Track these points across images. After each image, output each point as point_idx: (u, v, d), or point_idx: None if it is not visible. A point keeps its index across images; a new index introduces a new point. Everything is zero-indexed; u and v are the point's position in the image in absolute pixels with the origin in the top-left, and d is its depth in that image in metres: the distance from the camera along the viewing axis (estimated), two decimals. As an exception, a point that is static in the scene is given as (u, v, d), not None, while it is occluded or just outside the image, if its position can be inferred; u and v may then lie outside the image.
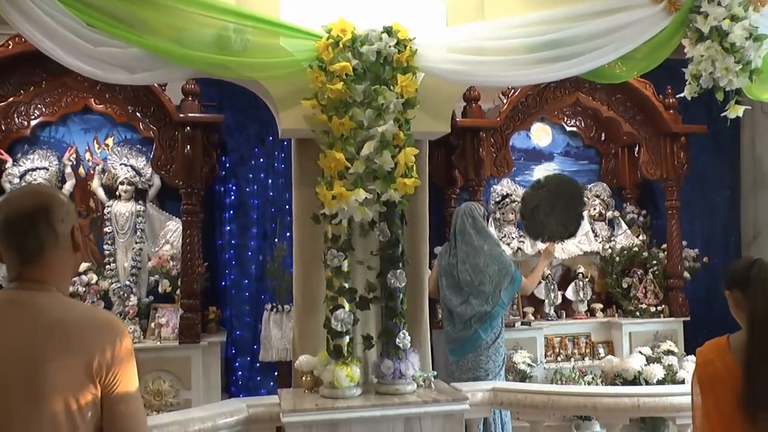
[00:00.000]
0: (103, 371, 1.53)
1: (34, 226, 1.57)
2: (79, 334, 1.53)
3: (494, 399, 3.41)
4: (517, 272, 4.37)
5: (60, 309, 1.57)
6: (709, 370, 2.16)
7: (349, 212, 2.95)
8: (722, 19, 3.11)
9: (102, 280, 5.18)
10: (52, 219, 1.60)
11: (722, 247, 6.80)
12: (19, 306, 1.54)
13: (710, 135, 6.33)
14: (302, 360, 3.14)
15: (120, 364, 1.57)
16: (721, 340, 2.21)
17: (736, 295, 2.21)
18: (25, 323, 1.51)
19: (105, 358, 1.53)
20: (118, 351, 1.57)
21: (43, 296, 1.57)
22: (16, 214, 1.58)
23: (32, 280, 1.58)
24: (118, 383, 1.56)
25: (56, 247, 1.60)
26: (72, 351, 1.50)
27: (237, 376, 5.58)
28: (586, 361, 5.68)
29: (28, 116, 5.24)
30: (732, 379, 2.08)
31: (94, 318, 1.61)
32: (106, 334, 1.57)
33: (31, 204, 1.59)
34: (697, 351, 2.29)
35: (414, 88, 3.06)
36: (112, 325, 1.61)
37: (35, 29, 2.71)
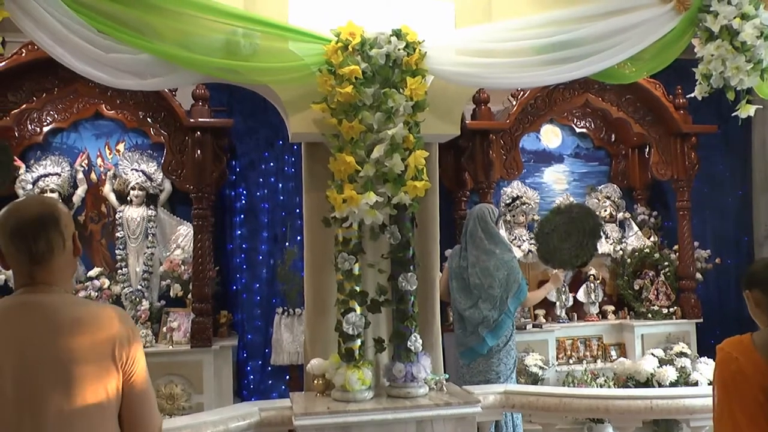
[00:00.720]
0: (124, 358, 1.68)
1: (45, 231, 1.68)
2: (98, 328, 1.67)
3: (506, 402, 3.41)
4: (524, 282, 4.36)
5: (75, 306, 1.71)
6: (733, 368, 2.14)
7: (359, 215, 2.95)
8: (732, 18, 3.09)
9: (114, 285, 5.21)
10: (59, 225, 1.72)
11: (734, 248, 6.76)
12: (36, 307, 1.65)
13: (721, 135, 6.31)
14: (314, 363, 3.14)
15: (136, 350, 1.72)
16: (744, 338, 2.20)
17: (756, 295, 2.21)
18: (47, 322, 1.63)
19: (123, 347, 1.68)
20: (132, 338, 1.72)
21: (55, 297, 1.68)
22: (28, 220, 1.68)
23: (42, 282, 1.69)
24: (135, 370, 1.71)
25: (62, 251, 1.73)
26: (96, 342, 1.64)
27: (248, 379, 5.60)
28: (598, 363, 5.65)
29: (41, 123, 5.29)
30: (760, 377, 2.07)
31: (107, 311, 1.75)
32: (121, 325, 1.71)
33: (40, 210, 1.71)
34: (717, 348, 2.26)
35: (423, 90, 3.06)
36: (123, 316, 1.76)
37: (47, 36, 2.73)
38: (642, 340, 5.70)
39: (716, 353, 2.26)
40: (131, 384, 1.70)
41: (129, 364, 1.70)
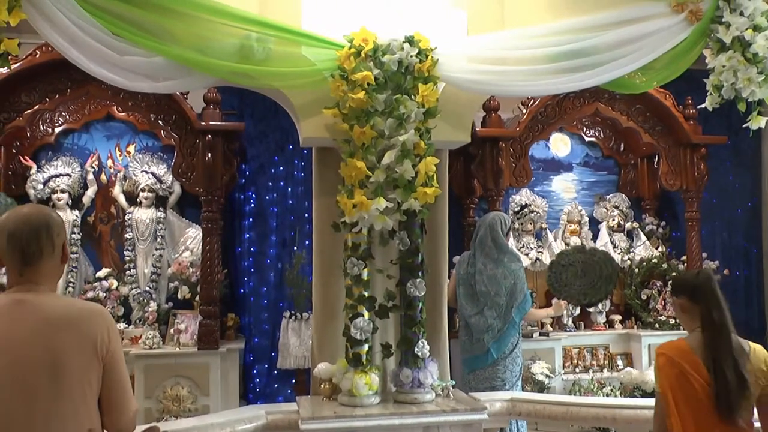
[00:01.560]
0: (104, 349, 1.85)
1: (37, 236, 1.88)
2: (83, 323, 1.84)
3: (512, 409, 3.40)
4: (529, 294, 4.37)
5: (61, 304, 1.90)
6: (676, 370, 2.35)
7: (369, 221, 2.96)
8: (744, 29, 3.10)
9: (122, 286, 5.23)
10: (51, 232, 1.91)
11: (743, 259, 6.74)
12: (26, 304, 1.83)
13: (731, 146, 6.29)
14: (321, 368, 3.15)
15: (114, 344, 1.89)
16: (680, 342, 2.43)
17: (684, 301, 2.47)
18: (37, 317, 1.81)
19: (104, 340, 1.85)
20: (111, 332, 1.89)
21: (42, 295, 1.87)
22: (23, 225, 1.89)
23: (31, 281, 1.87)
24: (114, 359, 1.88)
25: (51, 256, 1.91)
26: (81, 337, 1.82)
27: (255, 383, 5.61)
28: (604, 372, 5.64)
29: (53, 123, 5.33)
30: (701, 377, 2.31)
31: (90, 308, 1.94)
32: (102, 321, 1.89)
33: (35, 218, 1.91)
34: (658, 353, 2.46)
35: (435, 97, 3.07)
36: (104, 313, 1.95)
37: (62, 38, 2.75)
38: (649, 350, 5.68)
39: (657, 357, 2.45)
40: (110, 373, 1.87)
41: (108, 356, 1.86)
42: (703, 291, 2.41)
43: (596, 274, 5.27)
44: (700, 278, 2.47)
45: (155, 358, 4.82)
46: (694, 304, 2.41)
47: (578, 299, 5.33)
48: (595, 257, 5.28)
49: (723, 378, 2.27)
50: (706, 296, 2.40)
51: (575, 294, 5.26)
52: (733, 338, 2.34)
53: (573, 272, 5.31)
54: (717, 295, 2.40)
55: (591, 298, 5.31)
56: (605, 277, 5.27)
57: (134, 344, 4.94)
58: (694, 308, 2.42)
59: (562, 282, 5.31)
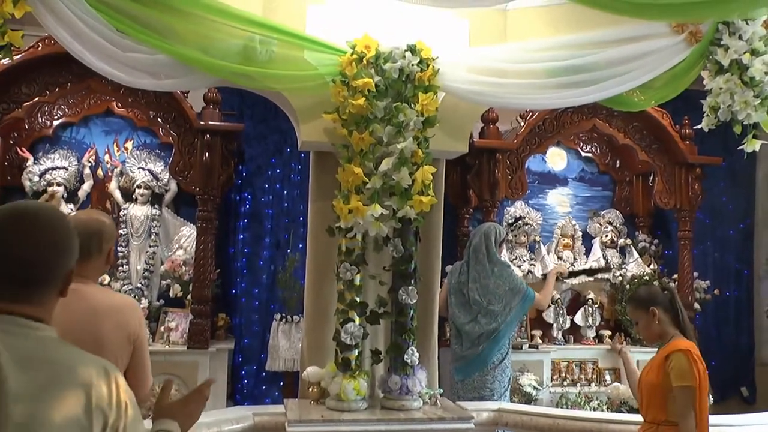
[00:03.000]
0: (135, 335, 2.27)
1: (89, 240, 2.19)
2: (121, 313, 2.27)
3: (499, 419, 3.41)
4: (529, 289, 4.41)
5: (105, 295, 2.36)
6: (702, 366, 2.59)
7: (364, 227, 2.98)
8: (742, 53, 3.12)
9: (114, 282, 5.21)
10: (101, 237, 2.29)
11: (734, 280, 6.78)
12: (78, 293, 2.10)
13: (726, 167, 6.33)
14: (310, 371, 3.15)
15: (143, 332, 2.33)
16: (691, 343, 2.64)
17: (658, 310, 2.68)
18: (86, 305, 2.18)
19: (136, 328, 2.28)
20: (141, 322, 2.34)
21: (90, 287, 2.25)
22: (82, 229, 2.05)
23: (82, 275, 2.12)
24: (141, 344, 2.30)
25: (99, 257, 2.29)
26: (119, 323, 2.24)
27: (243, 383, 5.59)
28: (592, 386, 5.63)
29: (51, 116, 5.32)
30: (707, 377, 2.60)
31: (127, 302, 2.41)
32: (136, 313, 2.34)
33: (91, 224, 2.28)
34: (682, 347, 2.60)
35: (435, 106, 3.10)
36: (137, 307, 2.42)
37: (67, 32, 2.77)
38: (638, 366, 5.66)
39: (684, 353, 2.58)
40: (136, 355, 2.28)
41: (138, 342, 2.28)
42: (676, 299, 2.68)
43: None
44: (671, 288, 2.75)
45: (144, 355, 4.81)
46: (667, 312, 2.65)
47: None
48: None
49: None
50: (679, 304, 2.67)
51: None
52: None
53: None
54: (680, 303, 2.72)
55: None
56: None
57: (144, 317, 4.93)
58: (667, 316, 2.65)
59: None
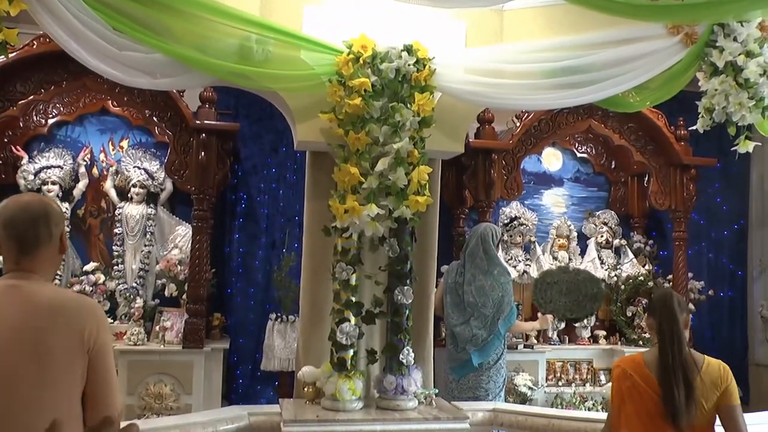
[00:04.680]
0: (91, 342, 1.82)
1: (35, 225, 1.87)
2: (72, 313, 1.82)
3: (494, 419, 3.42)
4: (515, 308, 4.43)
5: (53, 293, 1.88)
6: (628, 383, 2.46)
7: (360, 226, 2.98)
8: (737, 55, 3.14)
9: (109, 281, 5.21)
10: (49, 221, 1.90)
11: (728, 281, 6.81)
12: (20, 290, 1.82)
13: (720, 168, 6.36)
14: (305, 371, 3.15)
15: (103, 338, 1.87)
16: (637, 356, 2.54)
17: (648, 319, 2.59)
18: (28, 304, 1.80)
19: (92, 334, 1.82)
20: (101, 326, 1.87)
21: (36, 283, 1.85)
22: (22, 213, 1.88)
23: (27, 270, 1.86)
24: (101, 354, 1.85)
25: (48, 245, 1.90)
26: (69, 326, 1.80)
27: (238, 383, 5.59)
28: (587, 387, 5.66)
29: (47, 114, 5.30)
30: (650, 390, 2.41)
31: (81, 300, 1.92)
32: (93, 313, 1.87)
33: (34, 207, 1.90)
34: (614, 365, 2.61)
35: (431, 107, 3.10)
36: (94, 306, 1.92)
37: (63, 31, 2.76)
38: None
39: (612, 370, 2.60)
40: (95, 368, 1.83)
41: (95, 350, 1.83)
42: (656, 305, 2.51)
43: (581, 293, 5.63)
44: (656, 294, 2.65)
45: (139, 355, 4.80)
46: (653, 319, 2.51)
47: (563, 315, 5.59)
48: (579, 277, 5.62)
49: (670, 391, 2.36)
50: (658, 310, 2.49)
51: (560, 310, 5.55)
52: (684, 351, 2.41)
53: (558, 290, 5.65)
54: (670, 309, 2.46)
55: (576, 314, 5.58)
56: (590, 296, 5.63)
57: (119, 340, 4.92)
58: (653, 324, 2.52)
59: (547, 299, 5.61)
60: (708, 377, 2.40)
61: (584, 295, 5.64)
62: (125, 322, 5.10)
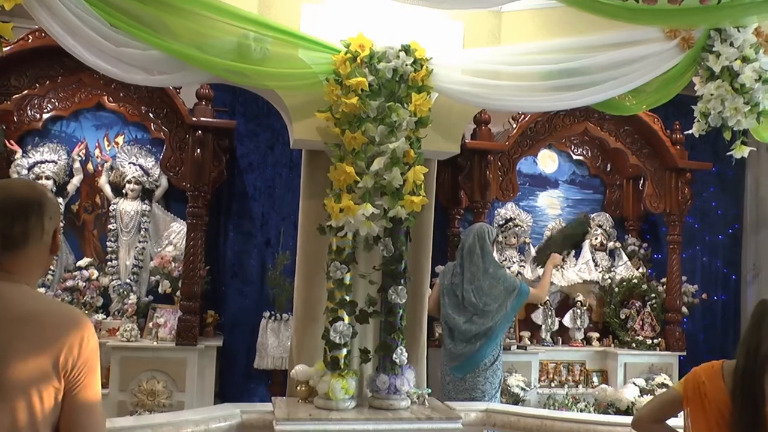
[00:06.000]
0: (69, 366, 1.49)
1: (25, 216, 1.56)
2: (48, 327, 1.49)
3: (487, 420, 3.42)
4: (523, 284, 4.45)
5: (30, 302, 1.54)
6: (700, 390, 2.34)
7: (355, 226, 2.98)
8: (733, 60, 3.15)
9: (102, 277, 5.20)
10: (42, 214, 1.59)
11: (722, 285, 6.84)
12: None
13: (716, 173, 6.40)
14: (298, 369, 3.15)
15: (86, 363, 1.52)
16: (716, 364, 2.39)
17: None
18: None
19: (72, 354, 1.49)
20: (85, 348, 1.52)
21: (13, 288, 1.53)
22: (9, 201, 1.56)
23: (7, 270, 1.55)
24: (81, 383, 1.52)
25: (38, 243, 1.59)
26: (41, 343, 1.47)
27: (231, 381, 5.58)
28: (579, 388, 5.68)
29: (41, 109, 5.28)
30: (723, 402, 2.26)
31: (63, 313, 1.56)
32: (75, 330, 1.52)
33: (25, 194, 1.59)
34: (693, 369, 2.45)
35: (428, 107, 3.10)
36: (81, 322, 1.56)
37: (59, 26, 2.75)
38: (625, 369, 5.72)
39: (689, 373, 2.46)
40: (74, 397, 1.50)
41: (74, 374, 1.50)
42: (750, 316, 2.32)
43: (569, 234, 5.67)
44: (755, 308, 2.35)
45: (132, 351, 4.79)
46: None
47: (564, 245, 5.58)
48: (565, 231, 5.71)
49: (735, 406, 2.21)
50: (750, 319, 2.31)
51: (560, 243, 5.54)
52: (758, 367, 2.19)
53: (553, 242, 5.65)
54: (753, 318, 2.27)
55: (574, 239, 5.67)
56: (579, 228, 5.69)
57: (111, 336, 4.91)
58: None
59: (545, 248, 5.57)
60: None
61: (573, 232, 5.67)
62: (118, 318, 5.09)
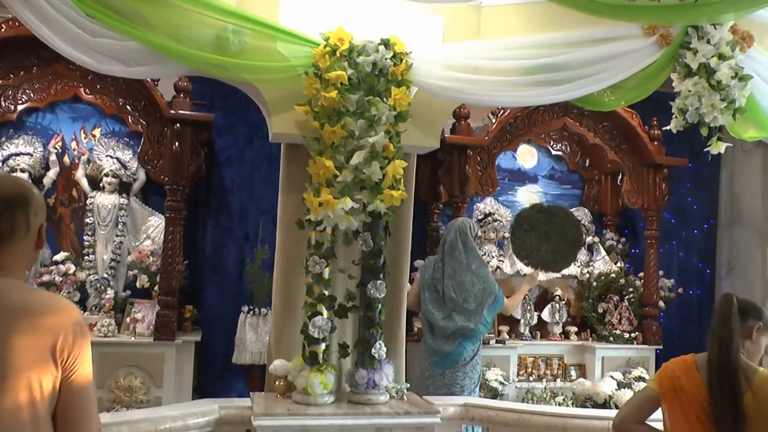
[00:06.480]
0: (65, 353, 1.58)
1: (11, 211, 1.61)
2: (43, 317, 1.58)
3: (465, 414, 3.44)
4: (500, 292, 4.44)
5: (23, 293, 1.62)
6: (675, 384, 2.37)
7: (334, 220, 2.97)
8: (710, 57, 3.18)
9: (79, 271, 5.13)
10: (28, 209, 1.64)
11: (697, 279, 6.93)
12: None
13: (692, 169, 6.46)
14: (277, 364, 3.14)
15: (80, 349, 1.62)
16: (688, 358, 2.43)
17: None
18: None
19: (67, 341, 1.58)
20: (78, 335, 1.62)
21: (5, 282, 1.60)
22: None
23: None
24: (76, 368, 1.61)
25: (24, 238, 1.64)
26: (38, 333, 1.55)
27: (209, 376, 5.55)
28: (557, 382, 5.72)
29: (16, 101, 5.16)
30: (701, 395, 2.30)
31: (56, 303, 1.66)
32: (68, 319, 1.62)
33: (11, 190, 1.63)
34: (663, 365, 2.50)
35: (407, 101, 3.09)
36: (72, 311, 1.66)
37: (34, 15, 2.71)
38: (602, 363, 5.78)
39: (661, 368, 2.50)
40: (70, 382, 1.60)
41: (70, 361, 1.59)
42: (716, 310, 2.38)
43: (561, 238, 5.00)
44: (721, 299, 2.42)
45: (109, 347, 4.73)
46: None
47: (550, 266, 5.07)
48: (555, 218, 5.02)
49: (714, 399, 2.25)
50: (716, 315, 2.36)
51: (546, 261, 4.99)
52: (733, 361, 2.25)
53: (536, 236, 5.01)
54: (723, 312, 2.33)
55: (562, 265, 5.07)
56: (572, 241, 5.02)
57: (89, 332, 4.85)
58: None
59: (528, 248, 5.01)
60: (762, 395, 2.22)
61: (565, 240, 5.02)
62: (96, 313, 5.02)
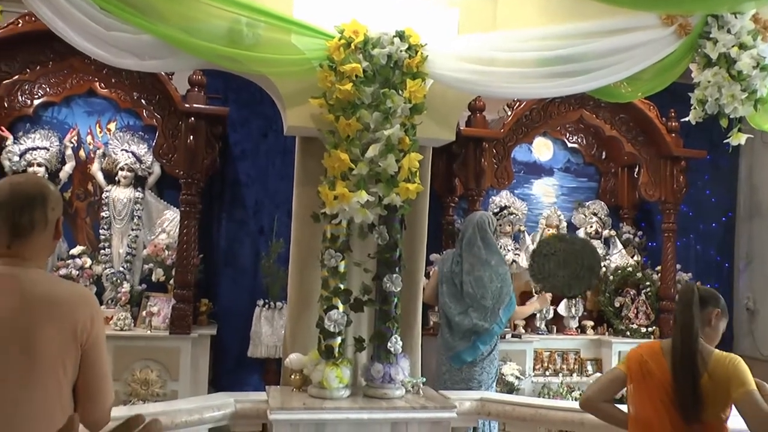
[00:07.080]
0: (85, 336, 1.78)
1: (31, 207, 1.80)
2: (66, 304, 1.78)
3: (482, 409, 3.41)
4: (513, 298, 4.42)
5: (47, 282, 1.83)
6: (643, 368, 2.49)
7: (349, 213, 2.95)
8: (731, 47, 3.13)
9: (96, 265, 5.15)
10: (46, 205, 1.83)
11: (715, 272, 6.86)
12: (10, 278, 1.75)
13: (710, 161, 6.37)
14: (292, 358, 3.13)
15: (98, 331, 1.84)
16: (656, 344, 2.57)
17: None
18: (18, 294, 1.73)
19: (86, 327, 1.79)
20: (96, 319, 1.84)
21: (30, 271, 1.78)
22: (18, 195, 1.80)
23: (19, 256, 1.79)
24: (94, 347, 1.82)
25: (44, 231, 1.83)
26: (61, 318, 1.75)
27: (224, 370, 5.57)
28: (574, 377, 5.68)
29: (32, 95, 5.21)
30: (666, 380, 2.42)
31: (76, 291, 1.91)
32: (87, 305, 1.84)
33: (31, 188, 1.83)
34: (632, 349, 2.64)
35: (422, 93, 3.06)
36: (90, 298, 1.90)
37: (49, 9, 2.71)
38: (619, 357, 5.71)
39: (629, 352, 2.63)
40: (88, 362, 1.80)
41: (89, 344, 1.79)
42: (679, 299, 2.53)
43: (578, 264, 5.21)
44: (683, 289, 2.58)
45: (125, 340, 4.76)
46: None
47: (563, 291, 5.29)
48: (575, 246, 5.24)
49: (676, 382, 2.38)
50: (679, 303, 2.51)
51: (560, 285, 5.20)
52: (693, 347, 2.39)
53: (555, 262, 5.22)
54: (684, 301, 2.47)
55: (576, 290, 5.29)
56: (587, 266, 5.21)
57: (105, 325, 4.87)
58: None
59: (546, 273, 5.22)
60: (717, 376, 2.35)
61: (582, 266, 5.24)
62: (112, 306, 5.05)
